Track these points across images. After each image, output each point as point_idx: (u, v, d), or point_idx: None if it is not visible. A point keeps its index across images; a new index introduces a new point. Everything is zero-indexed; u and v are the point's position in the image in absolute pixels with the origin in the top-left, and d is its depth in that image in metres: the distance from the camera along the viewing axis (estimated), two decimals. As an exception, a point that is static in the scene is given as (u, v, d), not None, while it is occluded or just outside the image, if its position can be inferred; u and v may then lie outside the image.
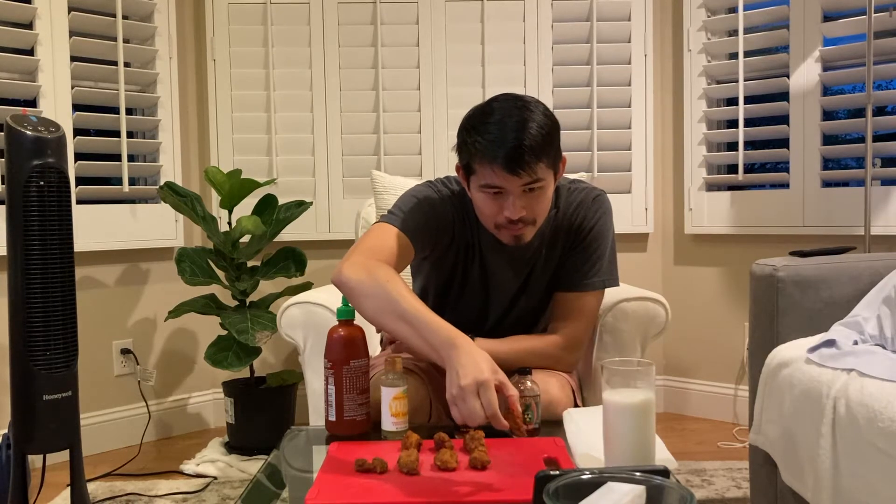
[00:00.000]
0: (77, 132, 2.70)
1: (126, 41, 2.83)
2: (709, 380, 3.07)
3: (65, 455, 1.85)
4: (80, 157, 2.70)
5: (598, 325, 1.76)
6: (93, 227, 2.72)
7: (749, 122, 2.88)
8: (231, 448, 2.68)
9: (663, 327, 1.79)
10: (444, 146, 3.01)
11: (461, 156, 1.50)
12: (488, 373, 1.19)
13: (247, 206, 2.77)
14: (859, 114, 2.67)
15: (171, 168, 2.94)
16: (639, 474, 0.88)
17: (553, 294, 1.66)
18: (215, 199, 2.91)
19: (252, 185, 2.68)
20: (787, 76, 2.77)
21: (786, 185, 2.80)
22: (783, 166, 2.85)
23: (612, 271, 1.65)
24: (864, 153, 2.37)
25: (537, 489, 0.91)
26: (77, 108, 2.72)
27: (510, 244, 1.53)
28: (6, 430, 1.79)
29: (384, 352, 1.76)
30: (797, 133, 2.76)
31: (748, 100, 2.87)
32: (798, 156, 2.76)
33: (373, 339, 1.88)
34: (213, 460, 2.56)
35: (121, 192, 2.79)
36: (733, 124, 2.93)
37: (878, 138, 2.60)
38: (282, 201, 2.79)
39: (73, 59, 2.67)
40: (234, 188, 2.65)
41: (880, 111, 2.78)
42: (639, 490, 0.84)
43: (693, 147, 3.02)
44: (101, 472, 2.52)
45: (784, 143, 2.80)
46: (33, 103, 2.61)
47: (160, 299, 2.93)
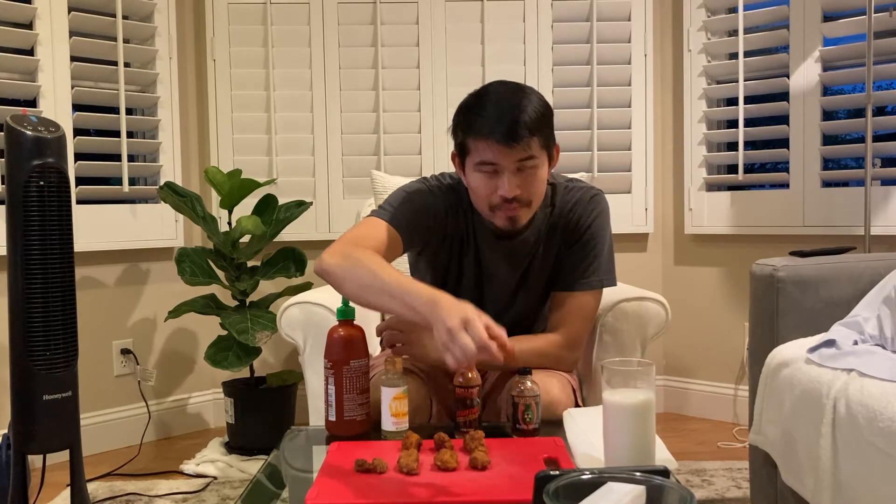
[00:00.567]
0: (77, 132, 2.70)
1: (126, 41, 2.83)
2: (709, 380, 3.07)
3: (65, 455, 1.85)
4: (80, 157, 2.70)
5: (597, 325, 1.76)
6: (93, 227, 2.72)
7: (749, 122, 2.88)
8: (231, 448, 2.68)
9: (663, 327, 1.79)
10: (444, 146, 3.01)
11: (456, 136, 1.52)
12: (472, 313, 1.19)
13: (247, 206, 2.77)
14: (859, 114, 2.67)
15: (171, 168, 2.94)
16: (639, 474, 0.88)
17: (551, 294, 1.66)
18: (215, 199, 2.91)
19: (252, 185, 2.68)
20: (787, 76, 2.77)
21: (786, 185, 2.80)
22: (783, 166, 2.85)
23: (610, 271, 1.65)
24: (864, 153, 2.37)
25: (537, 489, 0.91)
26: (77, 108, 2.72)
27: (505, 227, 1.52)
28: (6, 430, 1.79)
29: (384, 352, 1.76)
30: (797, 133, 2.76)
31: (748, 100, 2.87)
32: (798, 156, 2.76)
33: (373, 339, 1.88)
34: (213, 460, 2.56)
35: (121, 192, 2.79)
36: (733, 124, 2.93)
37: (878, 138, 2.60)
38: (282, 201, 2.79)
39: (73, 59, 2.67)
40: (234, 188, 2.65)
41: (880, 111, 2.78)
42: (639, 490, 0.84)
43: (693, 147, 3.02)
44: (101, 472, 2.52)
45: (784, 143, 2.80)
46: (33, 103, 2.61)
47: (160, 299, 2.93)
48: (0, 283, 2.39)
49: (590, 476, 0.88)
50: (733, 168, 2.95)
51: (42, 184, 1.70)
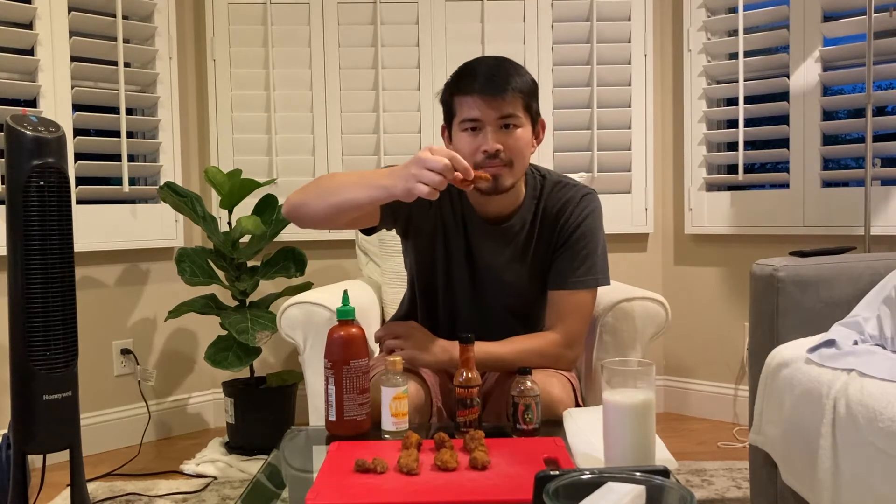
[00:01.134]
0: (77, 132, 2.70)
1: (126, 41, 2.83)
2: (709, 380, 3.07)
3: (65, 455, 1.84)
4: (80, 157, 2.70)
5: (597, 325, 1.76)
6: (93, 227, 2.72)
7: (749, 122, 2.88)
8: (231, 448, 2.68)
9: (663, 327, 1.79)
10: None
11: (444, 98, 1.58)
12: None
13: (247, 206, 2.77)
14: (859, 114, 2.67)
15: (171, 168, 2.94)
16: (639, 474, 0.88)
17: (548, 294, 1.66)
18: (215, 199, 2.91)
19: (252, 185, 2.68)
20: (787, 76, 2.77)
21: (786, 185, 2.80)
22: (783, 166, 2.85)
23: (604, 269, 1.65)
24: (864, 153, 2.38)
25: (537, 489, 0.91)
26: (77, 108, 2.72)
27: (488, 189, 1.53)
28: (6, 430, 1.79)
29: (384, 352, 1.76)
30: (797, 133, 2.76)
31: (748, 100, 2.87)
32: (798, 156, 2.76)
33: (373, 340, 1.88)
34: (213, 460, 2.56)
35: (121, 192, 2.79)
36: (733, 124, 2.93)
37: (878, 138, 2.60)
38: (282, 201, 2.78)
39: (73, 59, 2.67)
40: (234, 188, 2.65)
41: (880, 111, 2.78)
42: (639, 490, 0.84)
43: (693, 147, 3.02)
44: (101, 472, 2.52)
45: (784, 143, 2.80)
46: (33, 103, 2.61)
47: (160, 299, 2.93)
48: (0, 283, 2.39)
49: (590, 476, 0.88)
50: (733, 168, 2.95)
51: (42, 184, 1.70)
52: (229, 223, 2.72)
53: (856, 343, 1.41)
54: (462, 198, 1.64)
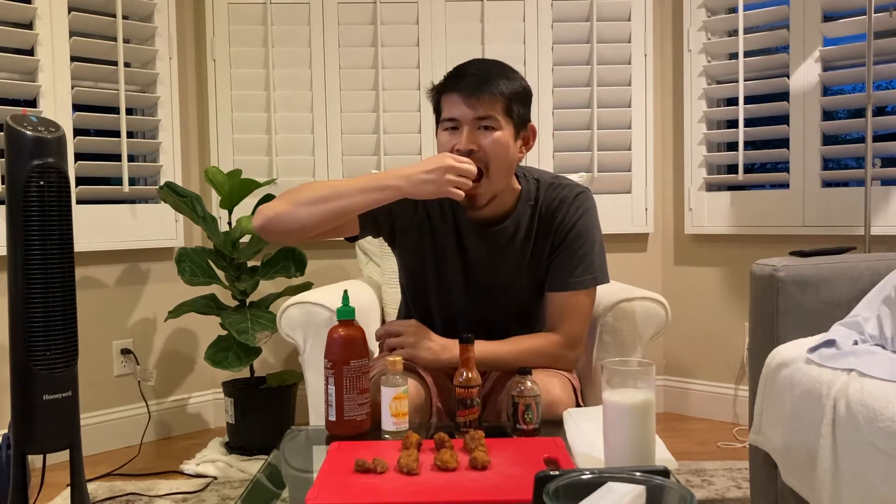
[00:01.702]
0: (77, 132, 2.70)
1: (126, 41, 2.83)
2: (709, 380, 3.07)
3: (65, 455, 1.84)
4: (80, 157, 2.70)
5: (597, 325, 1.76)
6: (93, 227, 2.72)
7: (749, 122, 2.88)
8: (231, 448, 2.68)
9: (663, 327, 1.79)
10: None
11: (433, 99, 1.59)
12: (444, 154, 1.44)
13: (247, 206, 2.77)
14: (859, 114, 2.67)
15: (171, 168, 2.94)
16: (639, 474, 0.88)
17: (546, 295, 1.66)
18: (215, 199, 2.91)
19: (252, 185, 2.68)
20: (787, 76, 2.77)
21: (786, 185, 2.80)
22: (783, 166, 2.85)
23: (602, 268, 1.65)
24: (864, 153, 2.38)
25: (537, 489, 0.91)
26: (77, 108, 2.72)
27: (463, 204, 1.54)
28: (6, 430, 1.79)
29: (384, 352, 1.76)
30: (797, 133, 2.76)
31: (748, 100, 2.87)
32: (798, 156, 2.76)
33: (373, 339, 1.88)
34: (213, 460, 2.56)
35: (121, 192, 2.79)
36: (733, 124, 2.93)
37: (878, 138, 2.60)
38: (282, 201, 2.79)
39: (73, 59, 2.67)
40: (234, 188, 2.65)
41: (880, 111, 2.78)
42: (639, 490, 0.84)
43: (693, 147, 3.02)
44: (101, 472, 2.52)
45: (784, 143, 2.80)
46: (33, 103, 2.61)
47: (160, 299, 2.93)
48: (0, 283, 2.39)
49: (590, 476, 0.88)
50: (733, 168, 2.95)
51: (42, 184, 1.70)
52: (229, 223, 2.72)
53: (856, 343, 1.41)
54: (452, 199, 1.64)
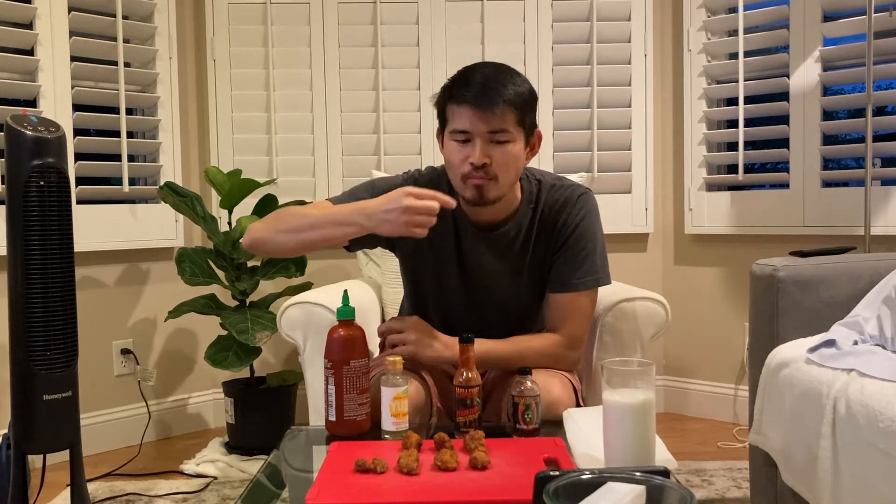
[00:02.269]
0: (77, 132, 2.70)
1: (126, 41, 2.83)
2: (709, 380, 3.07)
3: (65, 455, 1.85)
4: (80, 157, 2.70)
5: (597, 325, 1.76)
6: (93, 227, 2.72)
7: (749, 122, 2.88)
8: (231, 448, 2.68)
9: (663, 327, 1.79)
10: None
11: (438, 104, 1.56)
12: (406, 189, 1.39)
13: (247, 206, 2.77)
14: (859, 114, 2.67)
15: (171, 168, 2.94)
16: (639, 474, 0.88)
17: (548, 296, 1.66)
18: (215, 199, 2.91)
19: (252, 185, 2.68)
20: (787, 76, 2.77)
21: (786, 185, 2.80)
22: (783, 166, 2.85)
23: (604, 269, 1.64)
24: (864, 153, 2.37)
25: (537, 489, 0.91)
26: (77, 108, 2.72)
27: (473, 199, 1.53)
28: (6, 430, 1.79)
29: (384, 352, 1.76)
30: (797, 133, 2.76)
31: (748, 100, 2.86)
32: (798, 156, 2.76)
33: (373, 339, 1.88)
34: (213, 460, 2.56)
35: (121, 192, 2.79)
36: (733, 124, 2.93)
37: (878, 138, 2.60)
38: (282, 201, 2.78)
39: (73, 59, 2.67)
40: (234, 188, 2.65)
41: (880, 111, 2.78)
42: (639, 490, 0.84)
43: (693, 147, 3.02)
44: (101, 472, 2.52)
45: (784, 143, 2.80)
46: (33, 103, 2.61)
47: (160, 299, 2.93)
48: (0, 283, 2.39)
49: (590, 476, 0.88)
50: (733, 168, 2.95)
51: (42, 184, 1.70)
52: (229, 223, 2.72)
53: (856, 343, 1.41)
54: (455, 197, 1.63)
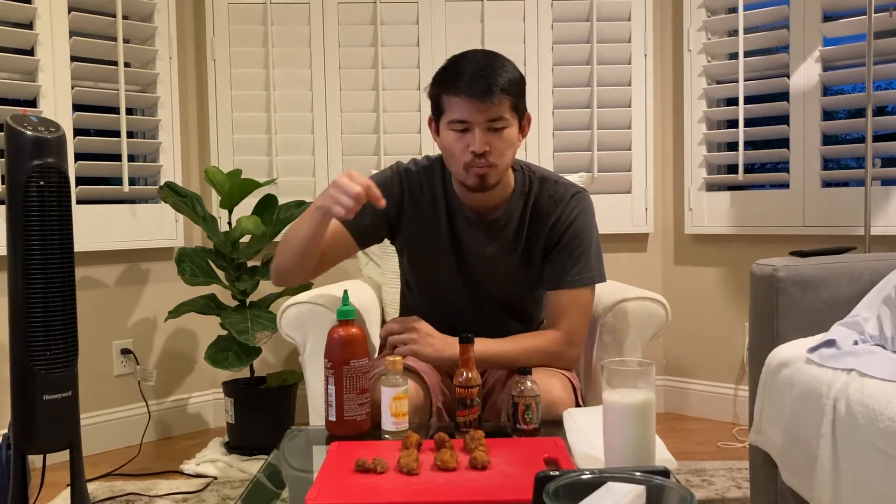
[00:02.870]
0: (77, 132, 2.69)
1: (126, 41, 2.83)
2: (709, 380, 3.07)
3: (65, 455, 1.84)
4: (80, 157, 2.70)
5: (597, 325, 1.76)
6: (93, 227, 2.72)
7: (749, 122, 2.88)
8: (231, 448, 2.68)
9: (663, 327, 1.79)
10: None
11: (432, 94, 1.59)
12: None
13: (247, 207, 2.77)
14: (859, 114, 2.67)
15: (171, 168, 2.94)
16: (639, 474, 0.88)
17: (546, 295, 1.68)
18: (215, 199, 2.91)
19: (252, 185, 2.68)
20: (787, 76, 2.77)
21: (786, 185, 2.80)
22: (783, 166, 2.85)
23: (599, 268, 1.67)
24: (864, 153, 2.37)
25: (537, 489, 0.91)
26: (77, 108, 2.72)
27: (475, 187, 1.56)
28: (6, 430, 1.79)
29: (384, 352, 1.76)
30: (797, 133, 2.76)
31: (748, 100, 2.86)
32: (798, 156, 2.76)
33: (373, 339, 1.88)
34: (213, 460, 2.56)
35: (121, 192, 2.79)
36: (733, 124, 2.93)
37: (878, 138, 2.60)
38: (282, 201, 2.79)
39: (73, 59, 2.67)
40: (234, 188, 2.65)
41: (880, 111, 2.78)
42: (639, 490, 0.84)
43: (693, 147, 3.02)
44: (101, 472, 2.52)
45: (784, 143, 2.80)
46: (33, 103, 2.61)
47: (160, 299, 2.93)
48: (0, 283, 2.39)
49: (590, 476, 0.88)
50: (733, 168, 2.95)
51: (42, 184, 1.70)
52: (229, 223, 2.72)
53: (856, 343, 1.41)
54: (447, 189, 1.67)
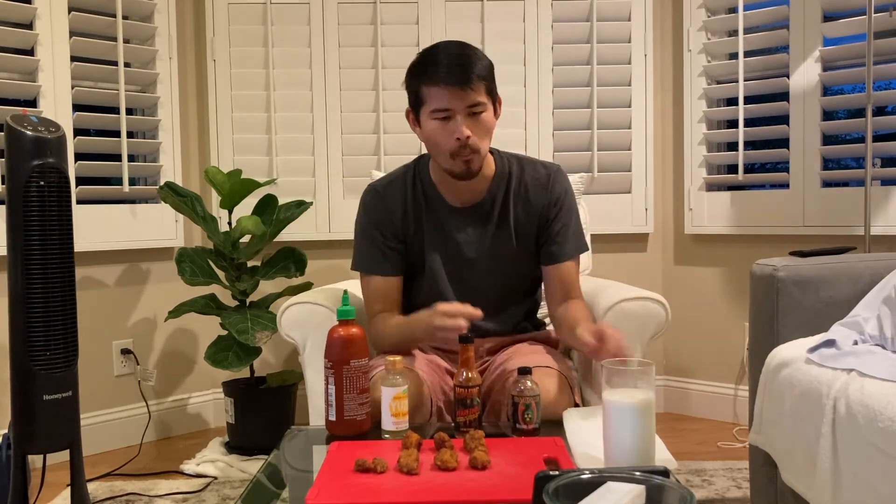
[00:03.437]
0: (77, 132, 2.70)
1: (126, 41, 2.83)
2: (709, 380, 3.07)
3: (65, 455, 1.84)
4: (80, 157, 2.70)
5: (597, 320, 1.77)
6: (93, 227, 2.72)
7: (749, 122, 2.88)
8: (231, 448, 2.68)
9: (663, 327, 1.79)
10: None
11: (410, 88, 1.69)
12: (438, 307, 1.51)
13: (247, 207, 2.77)
14: (859, 114, 2.67)
15: (171, 168, 2.94)
16: (639, 474, 0.88)
17: (551, 269, 1.75)
18: (215, 199, 2.91)
19: (252, 185, 2.68)
20: (787, 76, 2.77)
21: (786, 185, 2.80)
22: (783, 166, 2.85)
23: (584, 235, 1.83)
24: (864, 153, 2.38)
25: (537, 489, 0.91)
26: (77, 108, 2.72)
27: (463, 174, 1.64)
28: (6, 430, 1.79)
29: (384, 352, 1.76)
30: (797, 133, 2.76)
31: (748, 100, 2.86)
32: (798, 156, 2.76)
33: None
34: (213, 460, 2.56)
35: (121, 192, 2.79)
36: (733, 124, 2.93)
37: (878, 138, 2.60)
38: (282, 201, 2.79)
39: (73, 59, 2.67)
40: (234, 188, 2.65)
41: (880, 111, 2.78)
42: (639, 490, 0.84)
43: (693, 147, 3.02)
44: (101, 472, 2.52)
45: (784, 143, 2.80)
46: (33, 103, 2.61)
47: (160, 299, 2.93)
48: (0, 283, 2.39)
49: (590, 476, 0.88)
50: (733, 168, 2.95)
51: (42, 184, 1.70)
52: (229, 223, 2.72)
53: (856, 343, 1.41)
54: (425, 183, 1.75)
